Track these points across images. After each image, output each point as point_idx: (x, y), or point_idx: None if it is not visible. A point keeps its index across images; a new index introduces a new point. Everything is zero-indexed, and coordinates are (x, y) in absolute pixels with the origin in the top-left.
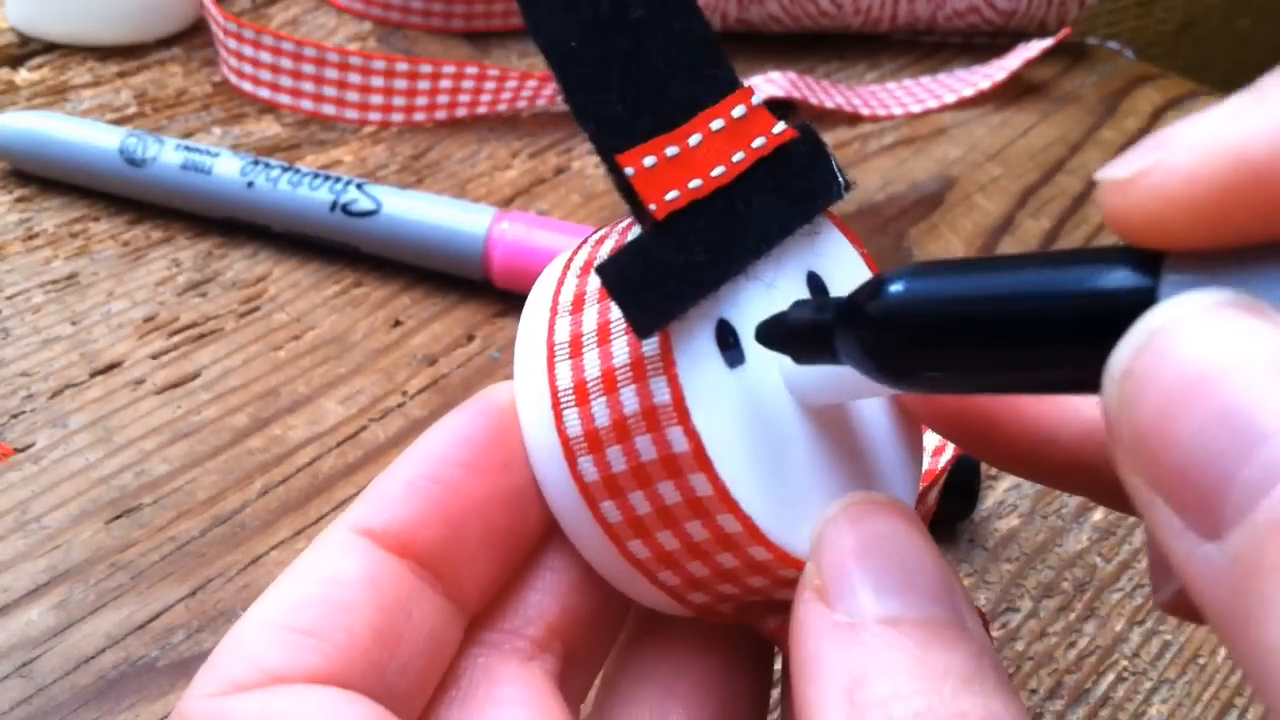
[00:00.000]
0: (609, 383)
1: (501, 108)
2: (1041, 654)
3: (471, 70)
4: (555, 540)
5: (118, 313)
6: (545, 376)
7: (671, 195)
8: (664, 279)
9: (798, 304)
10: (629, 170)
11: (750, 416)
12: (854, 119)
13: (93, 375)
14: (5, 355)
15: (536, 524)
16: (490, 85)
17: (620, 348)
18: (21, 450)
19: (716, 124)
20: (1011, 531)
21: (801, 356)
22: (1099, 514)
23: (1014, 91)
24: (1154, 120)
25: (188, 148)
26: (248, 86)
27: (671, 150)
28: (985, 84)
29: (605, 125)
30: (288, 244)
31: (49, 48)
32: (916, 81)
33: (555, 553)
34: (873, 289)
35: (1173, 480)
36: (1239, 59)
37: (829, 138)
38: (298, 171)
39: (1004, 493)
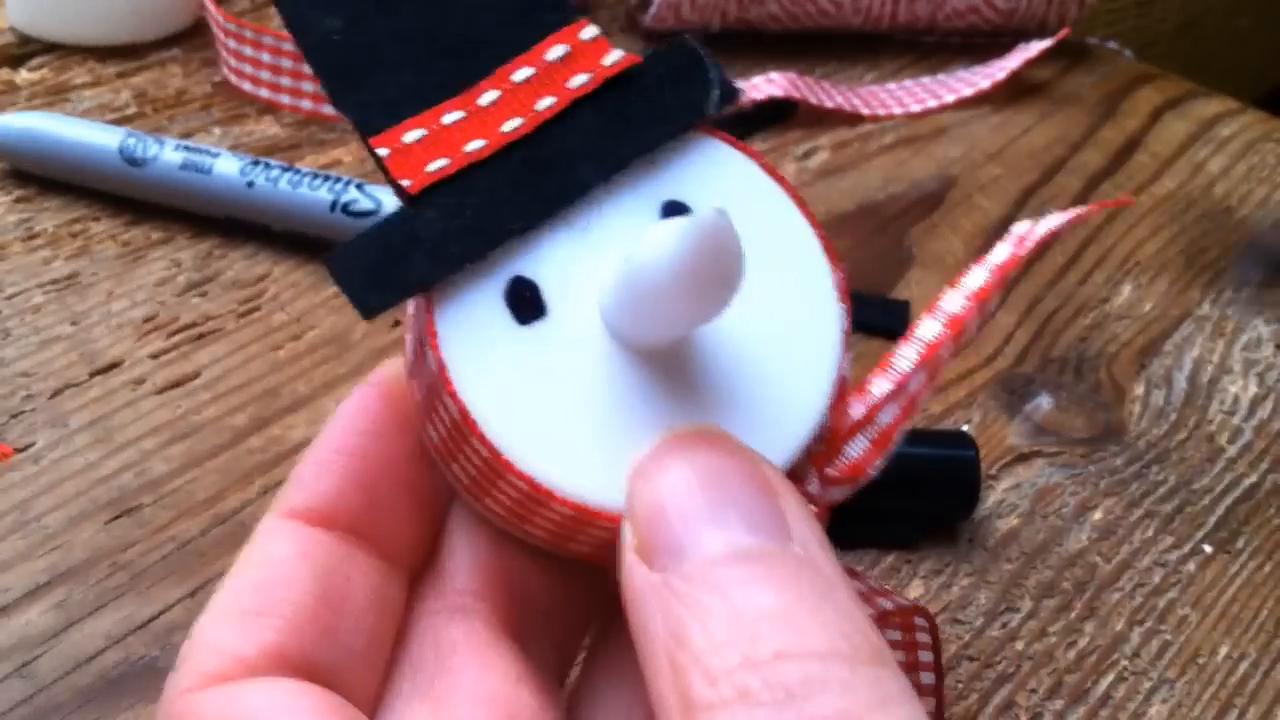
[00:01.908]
0: (416, 358)
1: None
2: (1041, 654)
3: None
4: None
5: (118, 313)
6: (403, 351)
7: (437, 165)
8: (408, 255)
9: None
10: (382, 151)
11: (545, 371)
12: (854, 119)
13: (93, 375)
14: (5, 355)
15: (443, 478)
16: None
17: (416, 325)
18: (21, 450)
19: (521, 74)
20: (1011, 531)
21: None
22: (1099, 514)
23: (1014, 91)
24: (1153, 120)
25: (187, 148)
26: (248, 86)
27: (452, 117)
28: (985, 84)
29: (368, 110)
30: (288, 244)
31: (49, 48)
32: (916, 81)
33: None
34: None
35: None
36: (1239, 59)
37: (829, 138)
38: (298, 171)
39: (1004, 493)
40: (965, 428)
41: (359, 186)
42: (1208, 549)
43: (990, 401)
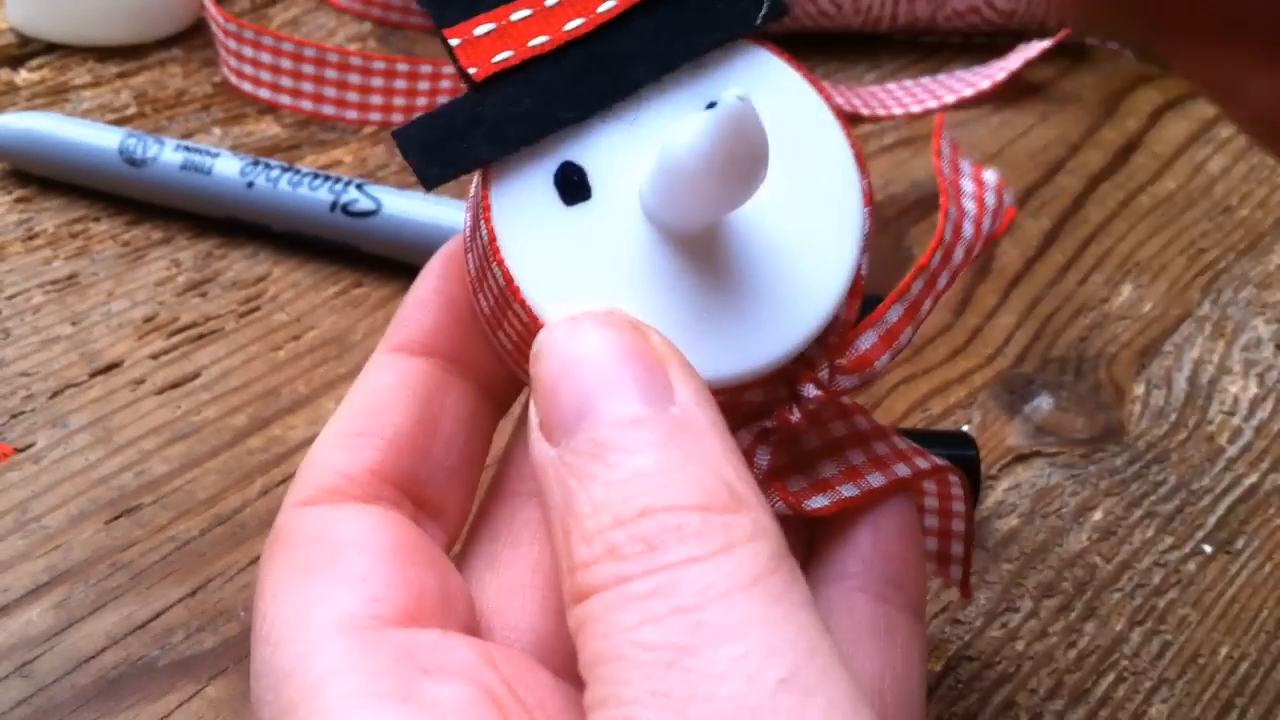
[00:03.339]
0: (472, 232)
1: None
2: (1041, 654)
3: None
4: None
5: (118, 313)
6: (462, 225)
7: (502, 56)
8: (468, 135)
9: None
10: (454, 41)
11: (585, 247)
12: (854, 119)
13: (93, 375)
14: (5, 355)
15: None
16: None
17: (473, 202)
18: (21, 450)
19: None
20: (1011, 531)
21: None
22: (1099, 514)
23: (1014, 91)
24: (1153, 120)
25: (187, 148)
26: (248, 86)
27: (520, 14)
28: (985, 84)
29: (444, 4)
30: (288, 244)
31: (49, 48)
32: (916, 81)
33: None
34: None
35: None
36: None
37: None
38: (298, 171)
39: (1004, 493)
40: (965, 428)
41: (359, 186)
42: (1208, 549)
43: (990, 402)
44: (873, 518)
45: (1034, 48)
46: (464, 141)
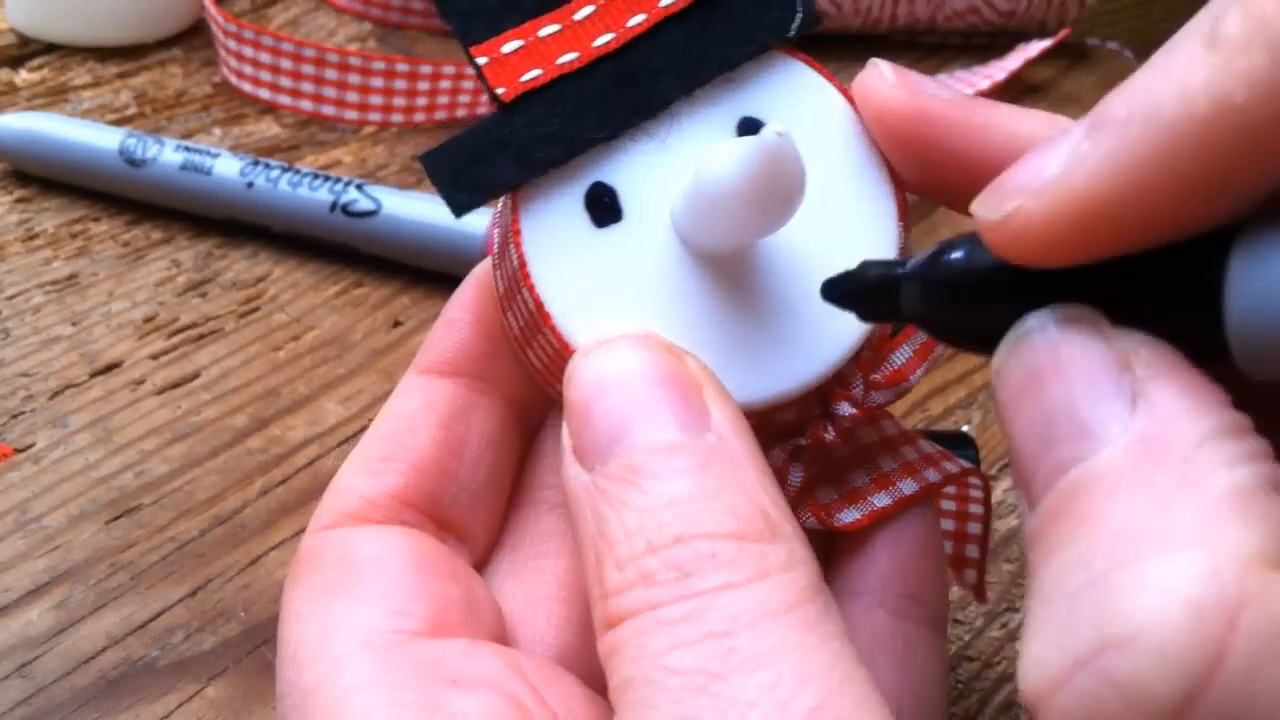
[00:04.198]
0: (500, 253)
1: None
2: None
3: (472, 70)
4: None
5: (118, 313)
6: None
7: (531, 75)
8: (495, 158)
9: (864, 264)
10: (481, 60)
11: (617, 272)
12: None
13: (93, 375)
14: (5, 355)
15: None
16: None
17: (502, 222)
18: (21, 450)
19: None
20: (1011, 532)
21: (866, 313)
22: None
23: (1014, 91)
24: None
25: (187, 148)
26: (248, 87)
27: (548, 30)
28: (985, 84)
29: (470, 20)
30: (288, 244)
31: (49, 48)
32: None
33: None
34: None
35: (1013, 461)
36: None
37: None
38: (297, 172)
39: (1004, 493)
40: (965, 428)
41: (359, 187)
42: None
43: (990, 401)
44: (892, 531)
45: (1034, 48)
46: (492, 165)
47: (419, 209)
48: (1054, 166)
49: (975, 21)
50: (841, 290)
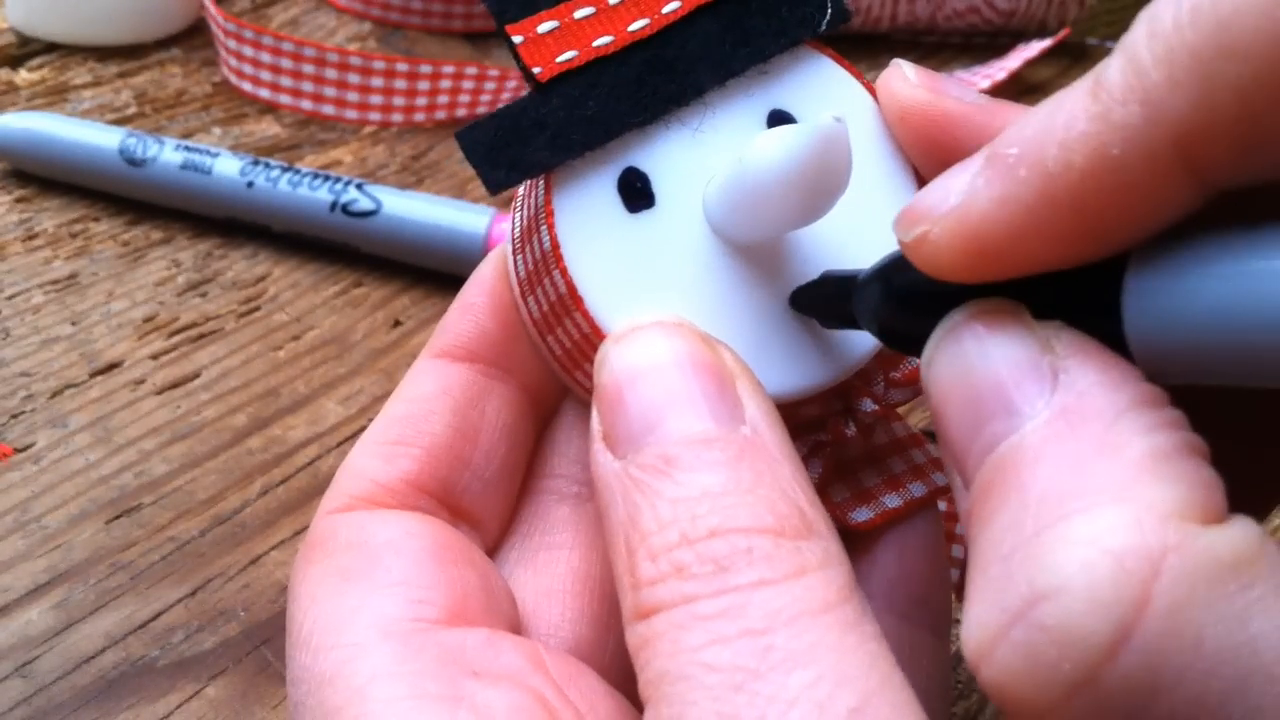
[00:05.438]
0: (526, 236)
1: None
2: None
3: (471, 70)
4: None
5: (118, 313)
6: (508, 229)
7: (566, 56)
8: (532, 138)
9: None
10: (517, 39)
11: (649, 256)
12: None
13: (93, 375)
14: (5, 355)
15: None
16: (490, 85)
17: (531, 204)
18: (21, 450)
19: None
20: None
21: (826, 320)
22: None
23: (1014, 91)
24: None
25: (187, 148)
26: (248, 86)
27: (583, 12)
28: (985, 84)
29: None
30: (288, 244)
31: (49, 48)
32: None
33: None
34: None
35: (945, 447)
36: None
37: None
38: (297, 171)
39: None
40: None
41: (359, 186)
42: None
43: None
44: (898, 534)
45: (1034, 48)
46: (528, 145)
47: (419, 209)
48: (954, 197)
49: (975, 21)
50: (805, 299)
